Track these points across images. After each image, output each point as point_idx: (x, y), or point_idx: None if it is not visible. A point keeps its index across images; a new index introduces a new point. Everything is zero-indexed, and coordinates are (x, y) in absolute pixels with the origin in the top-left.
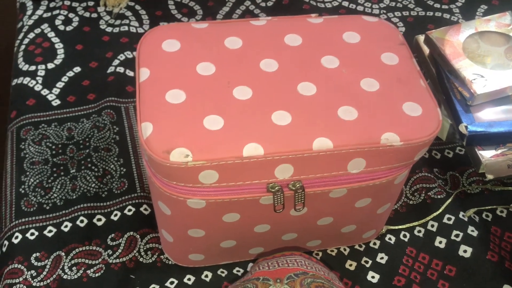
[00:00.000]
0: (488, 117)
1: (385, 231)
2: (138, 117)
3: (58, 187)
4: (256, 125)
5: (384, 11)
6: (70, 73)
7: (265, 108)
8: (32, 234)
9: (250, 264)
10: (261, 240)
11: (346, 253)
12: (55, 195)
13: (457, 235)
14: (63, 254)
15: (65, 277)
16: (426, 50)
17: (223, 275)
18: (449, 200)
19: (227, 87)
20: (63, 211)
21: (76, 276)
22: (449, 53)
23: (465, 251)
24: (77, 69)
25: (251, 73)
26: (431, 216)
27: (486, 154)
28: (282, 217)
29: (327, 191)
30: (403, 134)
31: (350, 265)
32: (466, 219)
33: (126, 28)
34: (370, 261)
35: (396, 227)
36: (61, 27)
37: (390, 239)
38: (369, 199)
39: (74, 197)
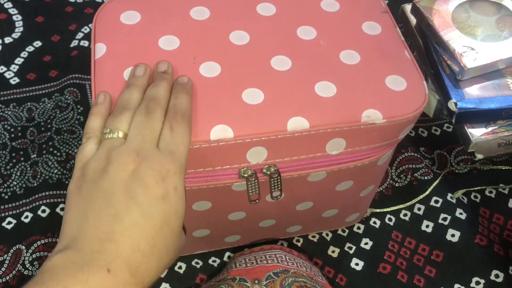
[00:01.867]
0: (479, 92)
1: (369, 214)
2: (93, 99)
3: (18, 174)
4: (224, 105)
5: None
6: (30, 48)
7: (235, 86)
8: None
9: (227, 254)
10: (236, 228)
11: (328, 238)
12: (15, 182)
13: (444, 219)
14: (23, 247)
15: (26, 273)
16: (413, 20)
17: (198, 266)
18: (436, 182)
19: (193, 63)
20: (23, 201)
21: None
22: (437, 24)
23: (453, 235)
24: (38, 43)
25: (220, 47)
26: (418, 199)
27: (476, 133)
28: (257, 204)
29: (304, 175)
30: (386, 110)
31: (333, 251)
32: (454, 201)
33: None
34: (354, 247)
35: (381, 210)
36: None
37: (375, 223)
38: (350, 181)
39: (35, 184)
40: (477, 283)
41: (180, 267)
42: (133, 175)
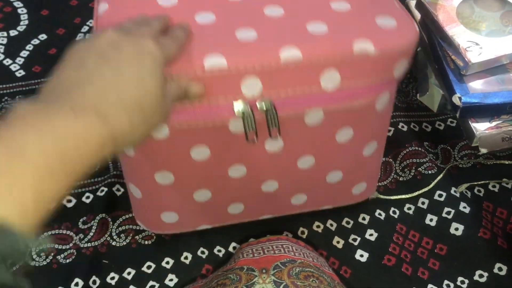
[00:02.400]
0: (483, 87)
1: (375, 197)
2: None
3: None
4: (219, 41)
5: None
6: (35, 41)
7: (229, 28)
8: None
9: (232, 245)
10: (238, 191)
11: (333, 229)
12: None
13: (448, 212)
14: None
15: (33, 263)
16: (417, 15)
17: (204, 256)
18: (440, 176)
19: (189, 17)
20: None
21: (45, 263)
22: (442, 19)
23: (456, 229)
24: (43, 36)
25: (216, 2)
26: (421, 191)
27: (480, 127)
28: (257, 154)
29: (301, 114)
30: (378, 41)
31: (338, 242)
32: (458, 195)
33: None
34: (359, 238)
35: (386, 197)
36: None
37: (380, 214)
38: (350, 129)
39: None
40: (481, 276)
41: (186, 257)
42: (110, 43)
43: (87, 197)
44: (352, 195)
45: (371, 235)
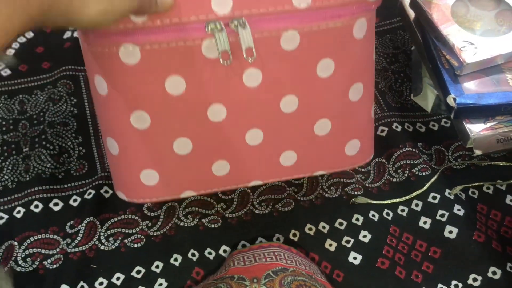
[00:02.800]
0: (478, 88)
1: (367, 202)
2: None
3: (10, 167)
4: None
5: None
6: (21, 39)
7: None
8: None
9: (223, 248)
10: (221, 143)
11: (325, 231)
12: (6, 177)
13: (442, 215)
14: (15, 243)
15: (18, 269)
16: (411, 14)
17: (194, 258)
18: (434, 178)
19: None
20: (16, 195)
21: (31, 268)
22: (436, 18)
23: (450, 232)
24: (30, 34)
25: None
26: (415, 194)
27: (475, 128)
28: (236, 91)
29: (276, 37)
30: None
31: (330, 245)
32: (452, 197)
33: None
34: (352, 240)
35: (378, 202)
36: None
37: (373, 215)
38: (330, 61)
39: (28, 178)
40: (475, 280)
41: (176, 259)
42: None
43: (74, 200)
44: (346, 156)
45: (364, 236)
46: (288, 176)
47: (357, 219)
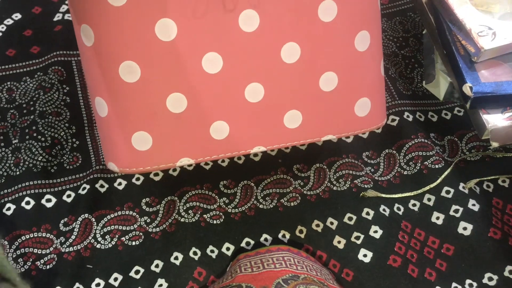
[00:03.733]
0: (496, 76)
1: (376, 196)
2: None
3: None
4: None
5: None
6: (8, 21)
7: None
8: None
9: (226, 245)
10: (219, 100)
11: (333, 227)
12: None
13: (456, 211)
14: (6, 243)
15: None
16: None
17: (196, 257)
18: (448, 171)
19: None
20: (5, 191)
21: (23, 269)
22: (451, 0)
23: (465, 228)
24: (17, 15)
25: None
26: (428, 188)
27: (492, 119)
28: (232, 36)
29: None
30: None
31: (339, 242)
32: (466, 191)
33: None
34: (362, 236)
35: (388, 196)
36: None
37: (384, 210)
38: (333, 3)
39: (18, 173)
40: (490, 279)
41: (176, 258)
42: None
43: (68, 196)
44: (357, 117)
45: (375, 232)
46: (294, 141)
47: (368, 213)
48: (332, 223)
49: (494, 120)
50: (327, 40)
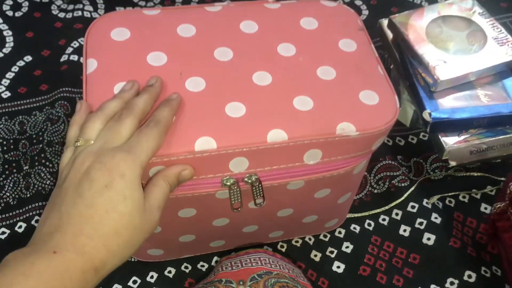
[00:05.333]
0: (451, 103)
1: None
2: None
3: (11, 185)
4: (208, 118)
5: None
6: (21, 63)
7: (218, 100)
8: None
9: (215, 258)
10: (221, 234)
11: (311, 243)
12: (8, 194)
13: (421, 223)
14: None
15: None
16: (389, 34)
17: (187, 270)
18: (412, 188)
19: (179, 78)
20: (17, 211)
21: None
22: (412, 38)
23: (428, 239)
24: (28, 58)
25: (205, 63)
26: (393, 204)
27: (449, 141)
28: (240, 211)
29: (284, 184)
30: (359, 123)
31: (315, 255)
32: (429, 206)
33: (79, 13)
34: (336, 251)
35: (360, 215)
36: (10, 13)
37: (355, 228)
38: (328, 189)
39: (28, 195)
40: (452, 283)
41: (169, 272)
42: (84, 173)
43: None
44: (325, 227)
45: (347, 247)
46: (274, 241)
47: (340, 232)
48: (310, 239)
49: (451, 142)
50: (317, 205)
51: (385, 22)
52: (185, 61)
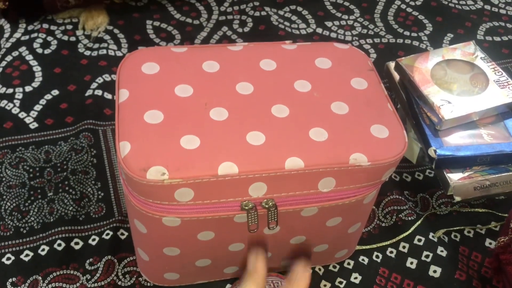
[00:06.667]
0: (456, 141)
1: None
2: (116, 136)
3: (35, 210)
4: (231, 144)
5: (356, 38)
6: (48, 96)
7: (240, 129)
8: (8, 258)
9: (228, 286)
10: (235, 259)
11: (320, 273)
12: (32, 218)
13: (427, 256)
14: (40, 278)
15: None
16: (396, 76)
17: None
18: (419, 222)
19: (204, 108)
20: (40, 235)
21: None
22: (418, 80)
23: (434, 271)
24: (55, 92)
25: (228, 96)
26: (401, 236)
27: (454, 177)
28: (256, 235)
29: (298, 210)
30: (371, 154)
31: (325, 285)
32: (435, 239)
33: (104, 51)
34: (344, 281)
35: (369, 247)
36: (39, 50)
37: (363, 259)
38: (339, 218)
39: (52, 220)
40: None
41: None
42: None
43: (93, 240)
44: (334, 257)
45: (355, 278)
46: (283, 270)
47: (348, 264)
48: (320, 269)
49: (456, 178)
50: (328, 233)
51: (392, 64)
52: (210, 94)
